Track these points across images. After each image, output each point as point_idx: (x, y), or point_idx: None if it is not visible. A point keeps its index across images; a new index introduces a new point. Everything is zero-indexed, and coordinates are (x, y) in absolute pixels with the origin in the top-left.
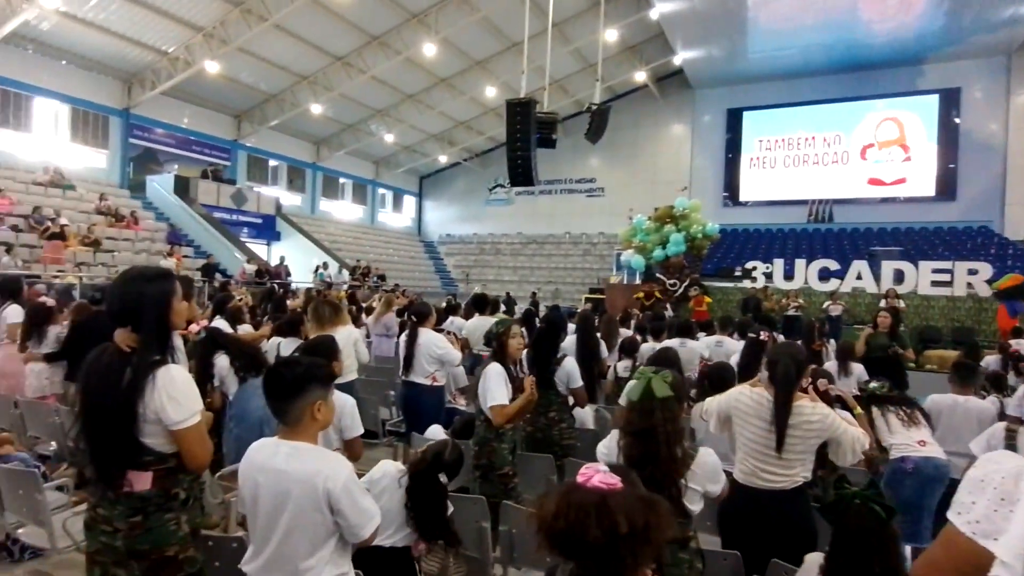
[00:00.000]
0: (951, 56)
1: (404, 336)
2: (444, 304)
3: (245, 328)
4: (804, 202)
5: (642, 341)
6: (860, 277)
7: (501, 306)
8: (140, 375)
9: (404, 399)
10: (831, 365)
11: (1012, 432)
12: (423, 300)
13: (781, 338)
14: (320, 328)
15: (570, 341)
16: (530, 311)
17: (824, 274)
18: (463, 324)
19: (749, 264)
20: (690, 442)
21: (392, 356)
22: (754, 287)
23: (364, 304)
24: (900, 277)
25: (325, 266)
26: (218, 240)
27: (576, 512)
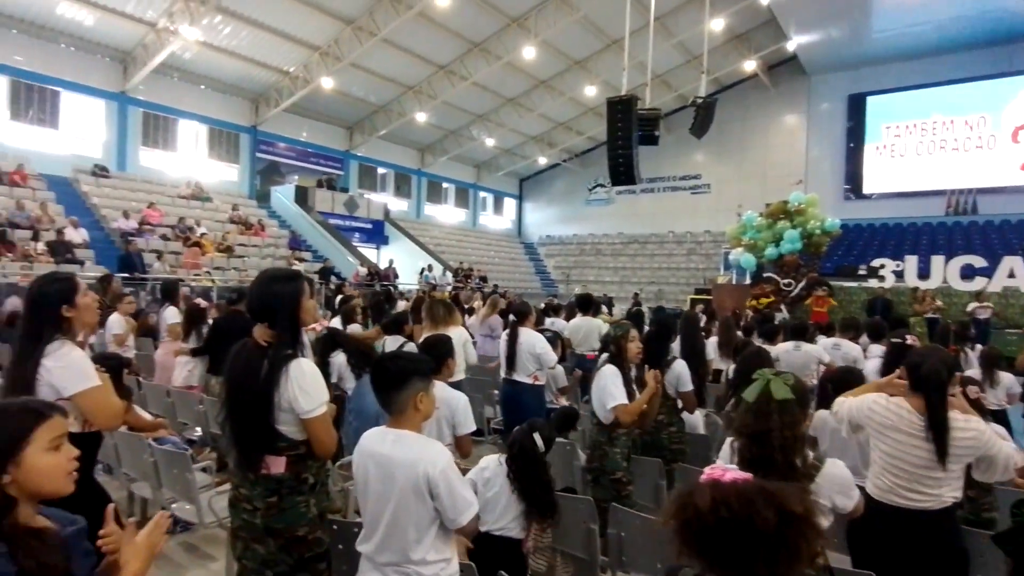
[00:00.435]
0: None
1: (505, 335)
2: (543, 305)
3: (354, 328)
4: (942, 193)
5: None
6: (1012, 275)
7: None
8: (275, 367)
9: (505, 397)
10: (974, 373)
11: None
12: (523, 300)
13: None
14: (434, 327)
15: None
16: (639, 312)
17: (967, 272)
18: (564, 325)
19: (875, 262)
20: (814, 452)
21: (496, 356)
22: (881, 286)
23: (466, 305)
24: None
25: (430, 268)
26: (333, 245)
27: (739, 499)
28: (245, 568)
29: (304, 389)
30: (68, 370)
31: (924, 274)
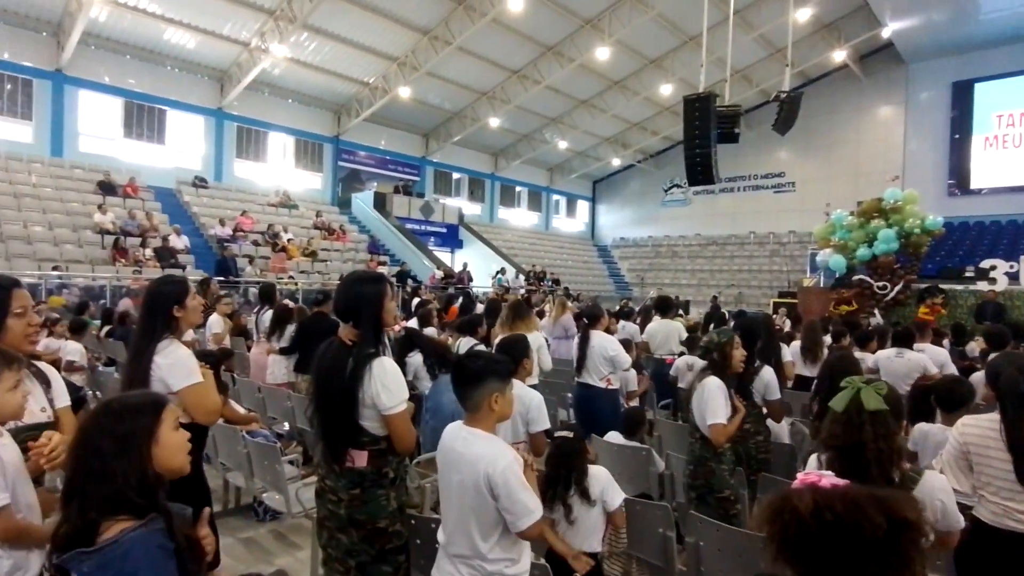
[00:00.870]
0: None
1: (577, 338)
2: (617, 308)
3: (430, 330)
4: None
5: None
6: None
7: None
8: (360, 365)
9: (579, 401)
10: None
11: None
12: (596, 303)
13: None
14: (509, 330)
15: None
16: (721, 315)
17: None
18: (635, 330)
19: (985, 263)
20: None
21: (569, 359)
22: (992, 289)
23: (536, 309)
24: None
25: (503, 271)
26: (409, 249)
27: (844, 502)
28: (329, 556)
29: (386, 386)
30: (176, 367)
31: None
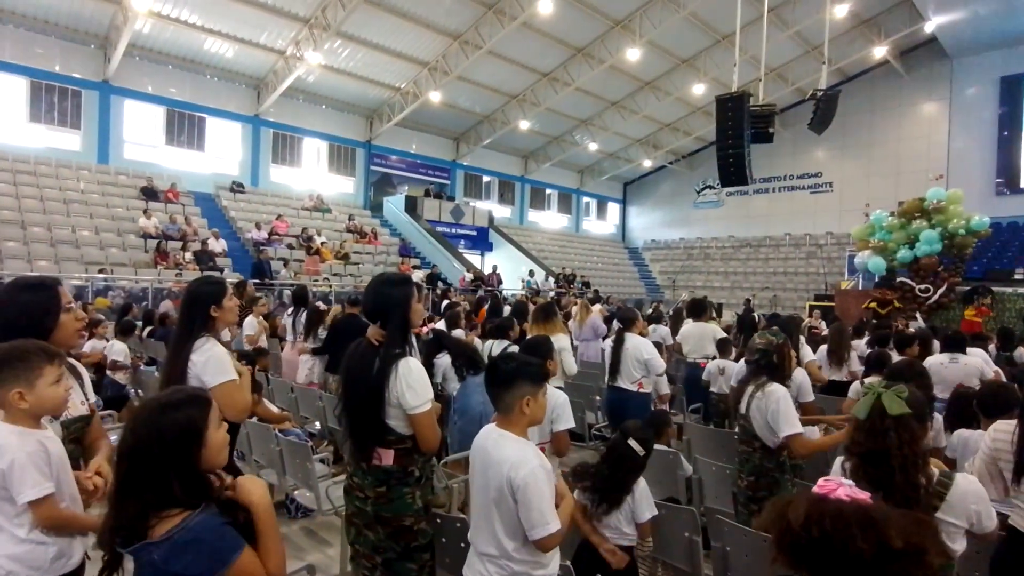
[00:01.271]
0: None
1: (610, 341)
2: (650, 311)
3: (458, 332)
4: None
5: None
6: None
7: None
8: (386, 365)
9: (610, 404)
10: None
11: None
12: (629, 306)
13: None
14: (539, 329)
15: None
16: (752, 318)
17: None
18: (666, 332)
19: None
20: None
21: (598, 361)
22: None
23: (563, 311)
24: None
25: (531, 273)
26: (440, 252)
27: (834, 521)
28: (357, 552)
29: (411, 386)
30: (210, 364)
31: None
